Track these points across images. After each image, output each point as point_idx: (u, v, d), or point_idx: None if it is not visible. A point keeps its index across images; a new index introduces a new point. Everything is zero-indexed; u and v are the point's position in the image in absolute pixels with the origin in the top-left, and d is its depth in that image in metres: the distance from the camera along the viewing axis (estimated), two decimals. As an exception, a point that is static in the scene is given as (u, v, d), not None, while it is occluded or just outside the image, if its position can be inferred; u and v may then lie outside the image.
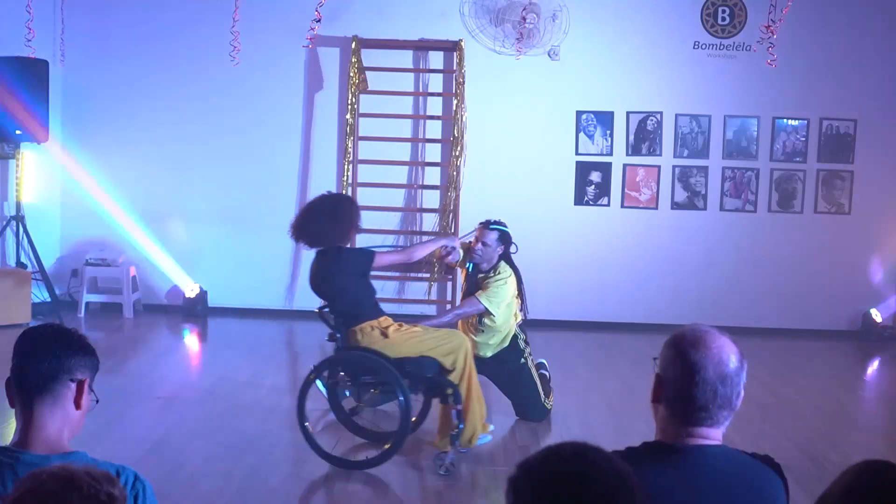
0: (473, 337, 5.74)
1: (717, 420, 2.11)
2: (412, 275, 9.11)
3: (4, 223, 8.49)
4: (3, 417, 5.26)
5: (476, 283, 5.84)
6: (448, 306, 8.83)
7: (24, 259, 8.48)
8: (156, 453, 5.03)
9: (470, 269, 5.94)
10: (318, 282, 5.12)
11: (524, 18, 8.60)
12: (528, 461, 1.57)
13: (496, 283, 5.73)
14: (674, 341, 2.14)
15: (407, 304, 9.15)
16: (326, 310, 5.22)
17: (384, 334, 4.98)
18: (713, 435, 2.13)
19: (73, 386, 2.19)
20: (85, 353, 2.23)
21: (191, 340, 8.48)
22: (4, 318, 7.81)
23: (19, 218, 8.37)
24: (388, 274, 9.07)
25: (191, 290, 9.02)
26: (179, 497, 4.35)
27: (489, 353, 5.84)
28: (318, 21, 7.64)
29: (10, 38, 8.10)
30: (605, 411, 6.17)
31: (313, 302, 9.05)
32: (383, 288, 9.09)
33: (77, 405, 2.20)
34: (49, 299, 8.42)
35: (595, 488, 1.51)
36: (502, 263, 5.80)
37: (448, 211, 8.85)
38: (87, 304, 8.89)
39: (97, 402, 2.27)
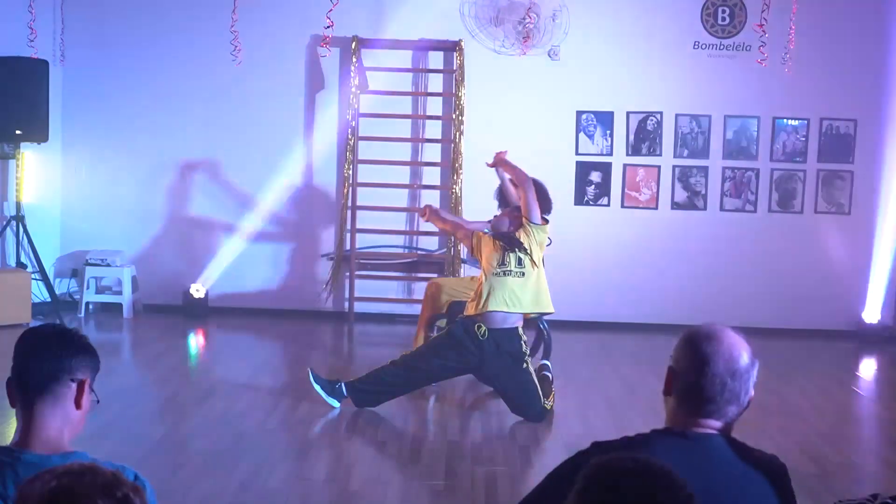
0: (509, 281, 5.80)
1: (724, 414, 2.17)
2: (418, 275, 9.12)
3: (4, 223, 8.49)
4: (4, 417, 5.26)
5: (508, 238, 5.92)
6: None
7: (24, 259, 8.48)
8: (156, 453, 5.03)
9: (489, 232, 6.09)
10: None
11: (529, 16, 8.57)
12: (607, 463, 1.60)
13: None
14: (688, 335, 2.22)
15: (413, 303, 9.14)
16: None
17: None
18: (721, 428, 2.19)
19: (74, 386, 2.19)
20: (86, 353, 2.23)
21: (191, 340, 8.48)
22: (4, 318, 7.81)
23: (19, 218, 8.37)
24: (392, 274, 9.07)
25: (191, 290, 9.01)
26: (179, 497, 4.35)
27: (500, 308, 5.80)
28: (330, 27, 7.63)
29: (11, 38, 8.10)
30: (605, 411, 6.17)
31: (314, 302, 9.14)
32: (386, 288, 9.11)
33: (78, 405, 2.20)
34: (49, 299, 8.42)
35: None
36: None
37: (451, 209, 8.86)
38: (87, 304, 8.89)
39: (98, 402, 2.28)
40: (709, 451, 2.15)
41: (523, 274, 5.81)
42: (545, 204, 6.40)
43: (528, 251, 5.83)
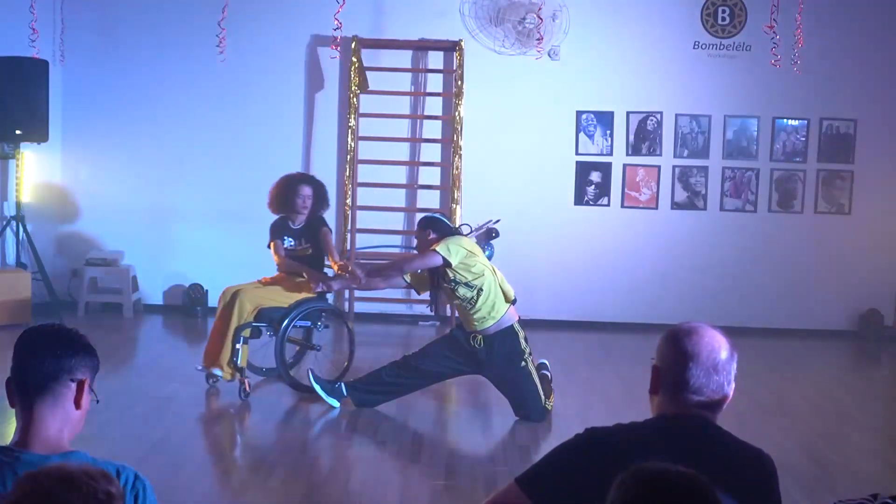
0: (471, 314, 5.73)
1: (710, 404, 2.27)
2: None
3: (4, 223, 8.49)
4: (3, 417, 5.26)
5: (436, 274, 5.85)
6: (449, 307, 8.82)
7: (24, 259, 8.48)
8: (156, 453, 5.03)
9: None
10: None
11: (531, 16, 8.56)
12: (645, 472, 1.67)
13: (445, 239, 5.70)
14: (669, 333, 2.33)
15: (414, 304, 9.14)
16: None
17: None
18: (708, 416, 2.29)
19: (74, 386, 2.19)
20: (85, 352, 2.23)
21: (190, 340, 8.48)
22: (4, 318, 7.81)
23: (19, 218, 8.37)
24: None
25: (191, 290, 9.01)
26: (179, 497, 4.35)
27: (489, 325, 5.77)
28: (339, 29, 7.60)
29: (11, 38, 8.10)
30: (604, 411, 6.16)
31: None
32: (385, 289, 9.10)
33: (77, 405, 2.20)
34: (49, 299, 8.42)
35: None
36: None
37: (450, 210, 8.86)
38: (87, 304, 8.89)
39: (97, 401, 2.28)
40: (699, 432, 2.24)
41: (480, 290, 5.69)
42: (324, 204, 6.53)
43: (460, 278, 5.67)
